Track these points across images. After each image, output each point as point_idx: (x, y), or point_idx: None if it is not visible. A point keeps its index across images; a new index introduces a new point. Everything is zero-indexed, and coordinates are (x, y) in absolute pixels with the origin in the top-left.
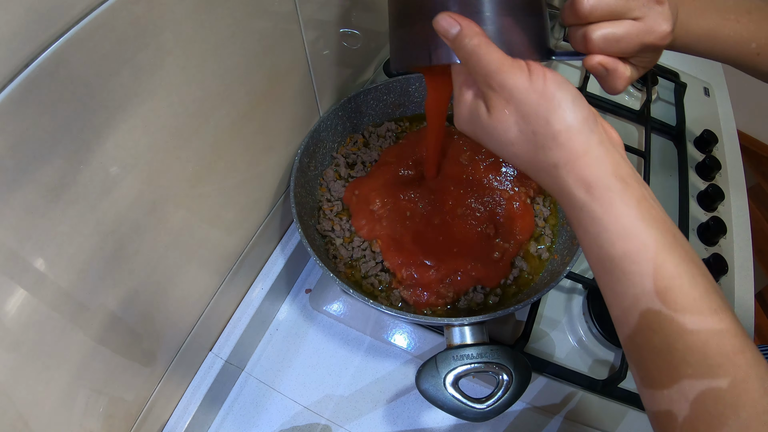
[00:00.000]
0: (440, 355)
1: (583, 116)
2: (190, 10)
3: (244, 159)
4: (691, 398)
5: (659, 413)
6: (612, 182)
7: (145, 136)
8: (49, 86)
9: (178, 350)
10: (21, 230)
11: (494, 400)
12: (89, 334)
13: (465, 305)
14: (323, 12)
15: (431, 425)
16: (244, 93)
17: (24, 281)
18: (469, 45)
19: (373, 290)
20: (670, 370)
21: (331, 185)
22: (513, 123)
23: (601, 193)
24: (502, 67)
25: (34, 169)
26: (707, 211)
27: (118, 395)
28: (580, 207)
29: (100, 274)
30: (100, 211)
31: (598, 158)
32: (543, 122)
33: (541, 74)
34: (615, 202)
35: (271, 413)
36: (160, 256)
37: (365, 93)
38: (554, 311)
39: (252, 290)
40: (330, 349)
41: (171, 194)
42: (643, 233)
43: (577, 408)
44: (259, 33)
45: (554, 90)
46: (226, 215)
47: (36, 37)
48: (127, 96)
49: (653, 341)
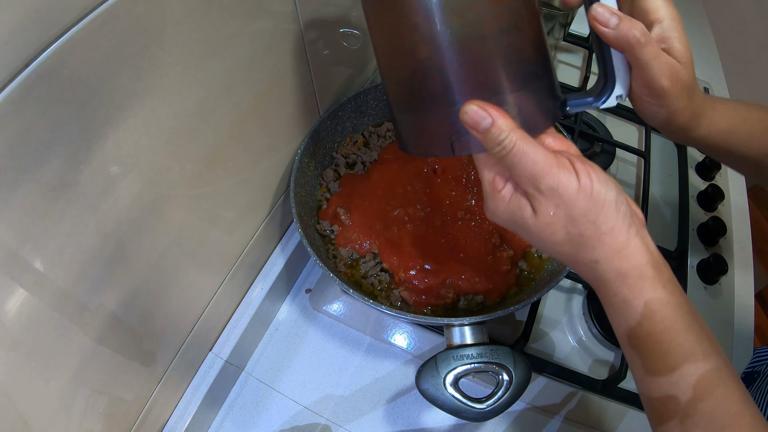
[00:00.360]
0: (440, 355)
1: (624, 214)
2: (190, 10)
3: (244, 159)
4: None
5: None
6: (645, 271)
7: (145, 136)
8: (49, 86)
9: (178, 350)
10: (21, 230)
11: (494, 400)
12: (89, 334)
13: (465, 305)
14: (323, 12)
15: (431, 425)
16: (244, 93)
17: (24, 281)
18: (507, 142)
19: (373, 290)
20: None
21: (331, 185)
22: (561, 226)
23: (634, 282)
24: (550, 169)
25: (34, 169)
26: (707, 211)
27: (118, 395)
28: (614, 293)
29: (100, 274)
30: (100, 211)
31: (635, 251)
32: (591, 225)
33: (586, 174)
34: (645, 288)
35: (271, 413)
36: (160, 256)
37: (365, 93)
38: (554, 311)
39: (252, 290)
40: (330, 349)
41: (171, 194)
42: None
43: (577, 408)
44: (259, 33)
45: (601, 191)
46: (226, 215)
47: (36, 37)
48: (127, 96)
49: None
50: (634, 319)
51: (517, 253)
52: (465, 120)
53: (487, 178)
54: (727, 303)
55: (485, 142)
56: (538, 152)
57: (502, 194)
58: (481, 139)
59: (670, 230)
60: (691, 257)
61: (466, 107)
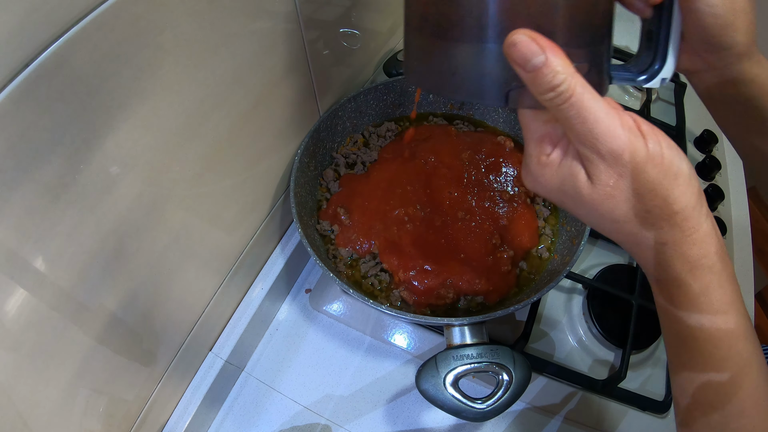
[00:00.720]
0: (440, 355)
1: (698, 191)
2: (190, 10)
3: (244, 159)
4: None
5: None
6: (714, 262)
7: (145, 136)
8: (49, 86)
9: (178, 350)
10: (21, 230)
11: (494, 400)
12: (89, 334)
13: (465, 305)
14: (323, 12)
15: (431, 425)
16: (244, 93)
17: (24, 281)
18: (563, 87)
19: (373, 290)
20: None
21: (331, 185)
22: (623, 200)
23: (702, 273)
24: (615, 129)
25: (34, 169)
26: None
27: (118, 395)
28: (677, 284)
29: (100, 274)
30: (100, 211)
31: (706, 235)
32: (660, 201)
33: (657, 142)
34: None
35: (271, 413)
36: (160, 256)
37: (365, 93)
38: (554, 311)
39: (252, 290)
40: (330, 349)
41: (171, 194)
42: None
43: (577, 408)
44: (259, 33)
45: (674, 161)
46: (226, 215)
47: (36, 37)
48: (127, 96)
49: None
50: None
51: (518, 253)
52: (511, 53)
53: (533, 137)
54: None
55: (534, 85)
56: (601, 106)
57: (551, 158)
58: (530, 80)
59: None
60: None
61: (513, 36)
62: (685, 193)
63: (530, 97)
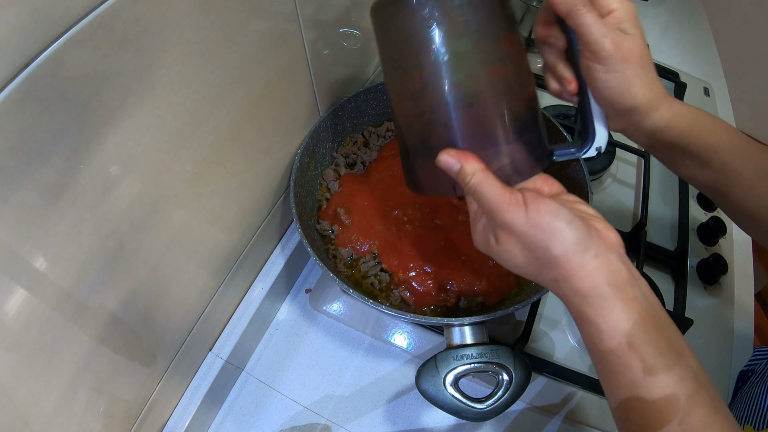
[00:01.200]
0: (440, 355)
1: (578, 238)
2: (190, 10)
3: (244, 159)
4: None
5: None
6: (604, 291)
7: (145, 136)
8: (49, 86)
9: (178, 350)
10: (21, 230)
11: (494, 400)
12: (89, 334)
13: (465, 305)
14: (323, 12)
15: (431, 425)
16: (244, 93)
17: (24, 281)
18: (471, 183)
19: (372, 290)
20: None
21: (331, 185)
22: (518, 252)
23: (593, 300)
24: (501, 206)
25: (34, 169)
26: (707, 211)
27: (118, 395)
28: (576, 311)
29: (100, 274)
30: (100, 211)
31: (592, 271)
32: (542, 250)
33: (535, 208)
34: (605, 308)
35: (271, 413)
36: (160, 256)
37: (365, 93)
38: (554, 311)
39: (252, 290)
40: (330, 349)
41: (171, 194)
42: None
43: (577, 408)
44: (259, 33)
45: (549, 220)
46: (226, 215)
47: (36, 37)
48: (127, 96)
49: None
50: (595, 336)
51: None
52: (440, 165)
53: (471, 213)
54: (727, 303)
55: (459, 183)
56: (493, 192)
57: (478, 226)
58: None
59: (670, 230)
60: (691, 257)
61: (439, 156)
62: (562, 242)
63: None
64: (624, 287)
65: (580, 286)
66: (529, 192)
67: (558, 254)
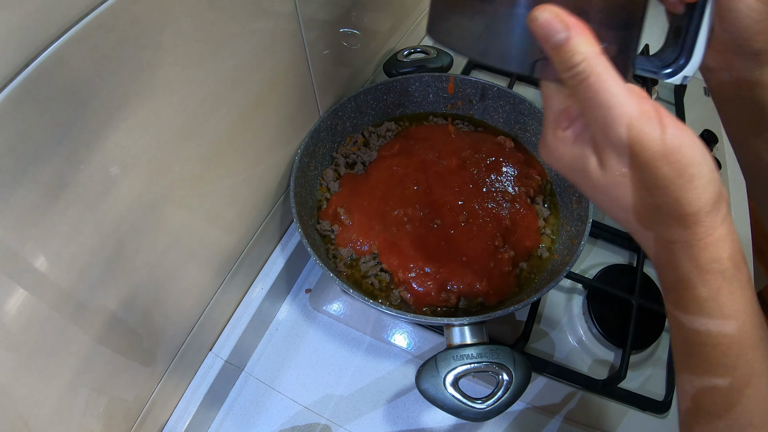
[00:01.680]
0: (440, 355)
1: (716, 194)
2: (189, 10)
3: (244, 159)
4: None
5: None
6: (726, 267)
7: (145, 136)
8: (49, 86)
9: (178, 350)
10: (21, 230)
11: (494, 400)
12: (89, 334)
13: (465, 305)
14: (323, 12)
15: (431, 425)
16: (244, 93)
17: (24, 281)
18: (582, 68)
19: (372, 290)
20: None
21: (331, 185)
22: (633, 191)
23: (712, 277)
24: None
25: (34, 169)
26: None
27: (118, 395)
28: (685, 286)
29: (100, 274)
30: (100, 211)
31: (718, 239)
32: (672, 200)
33: (676, 134)
34: (723, 290)
35: (271, 413)
36: (160, 256)
37: (365, 93)
38: (554, 311)
39: (252, 290)
40: (330, 349)
41: (171, 194)
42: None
43: (577, 408)
44: (259, 33)
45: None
46: (226, 215)
47: (36, 37)
48: (127, 96)
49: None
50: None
51: (519, 254)
52: (533, 27)
53: (552, 110)
54: None
55: (555, 61)
56: (620, 91)
57: (565, 134)
58: (552, 56)
59: None
60: None
61: (536, 12)
62: (700, 196)
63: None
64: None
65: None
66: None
67: (691, 212)
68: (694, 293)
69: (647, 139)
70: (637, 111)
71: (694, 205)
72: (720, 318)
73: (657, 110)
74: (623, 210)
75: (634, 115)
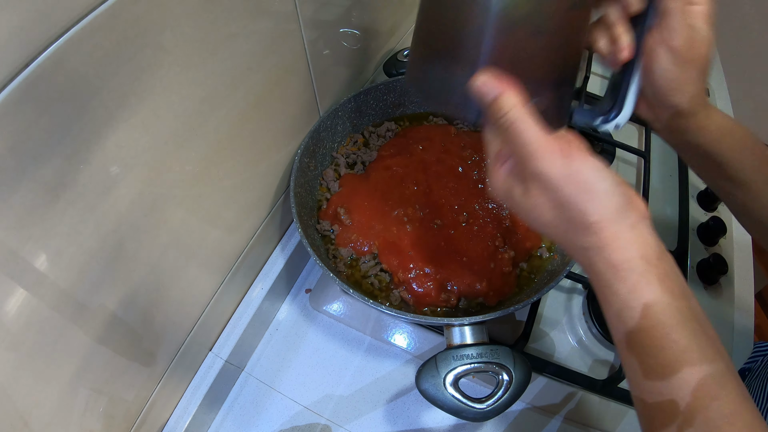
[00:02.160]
0: (440, 355)
1: (619, 205)
2: (190, 10)
3: (244, 159)
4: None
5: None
6: (638, 264)
7: (145, 136)
8: (48, 86)
9: (178, 350)
10: (21, 230)
11: (494, 400)
12: (89, 334)
13: (465, 305)
14: (323, 12)
15: (431, 425)
16: (244, 93)
17: (24, 281)
18: (507, 117)
19: (372, 290)
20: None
21: (331, 185)
22: (548, 208)
23: (625, 274)
24: (539, 152)
25: (34, 169)
26: (707, 211)
27: (118, 395)
28: (606, 285)
29: (100, 274)
30: (100, 211)
31: (627, 242)
32: (578, 213)
33: (580, 161)
34: (638, 282)
35: (271, 413)
36: (160, 256)
37: (365, 93)
38: (554, 311)
39: (252, 290)
40: (330, 349)
41: (171, 194)
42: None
43: (577, 408)
44: (259, 33)
45: (592, 179)
46: (226, 215)
47: (36, 37)
48: (127, 96)
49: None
50: (627, 314)
51: (519, 254)
52: (473, 87)
53: (492, 151)
54: (727, 303)
55: (488, 112)
56: (533, 134)
57: (500, 170)
58: (486, 108)
59: (670, 230)
60: (691, 257)
61: (480, 76)
62: (601, 206)
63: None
64: (656, 262)
65: (613, 258)
66: (573, 142)
67: (595, 220)
68: (613, 291)
69: (555, 168)
70: (546, 148)
71: (597, 214)
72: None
73: (566, 146)
74: (545, 226)
75: (544, 151)
